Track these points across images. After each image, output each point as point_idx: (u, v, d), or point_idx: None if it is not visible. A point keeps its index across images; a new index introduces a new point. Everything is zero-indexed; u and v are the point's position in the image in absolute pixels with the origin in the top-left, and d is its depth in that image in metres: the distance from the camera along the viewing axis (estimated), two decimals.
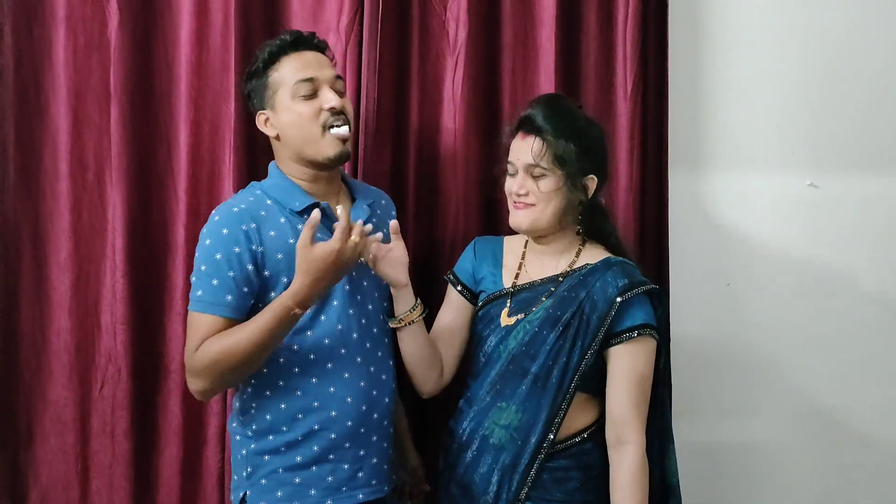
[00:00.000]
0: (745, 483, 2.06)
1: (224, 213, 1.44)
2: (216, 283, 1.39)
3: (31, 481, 1.77)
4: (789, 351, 2.02)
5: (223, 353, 1.37)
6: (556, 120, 1.47)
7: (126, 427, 1.74)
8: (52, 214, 1.75)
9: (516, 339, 1.49)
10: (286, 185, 1.49)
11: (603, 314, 1.45)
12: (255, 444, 1.47)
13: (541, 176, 1.47)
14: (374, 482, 1.51)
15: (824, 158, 1.97)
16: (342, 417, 1.46)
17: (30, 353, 1.76)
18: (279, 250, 1.43)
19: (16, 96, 1.72)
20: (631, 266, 1.52)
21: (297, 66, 1.47)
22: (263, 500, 1.45)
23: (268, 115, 1.50)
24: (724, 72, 1.94)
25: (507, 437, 1.46)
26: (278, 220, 1.45)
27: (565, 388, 1.45)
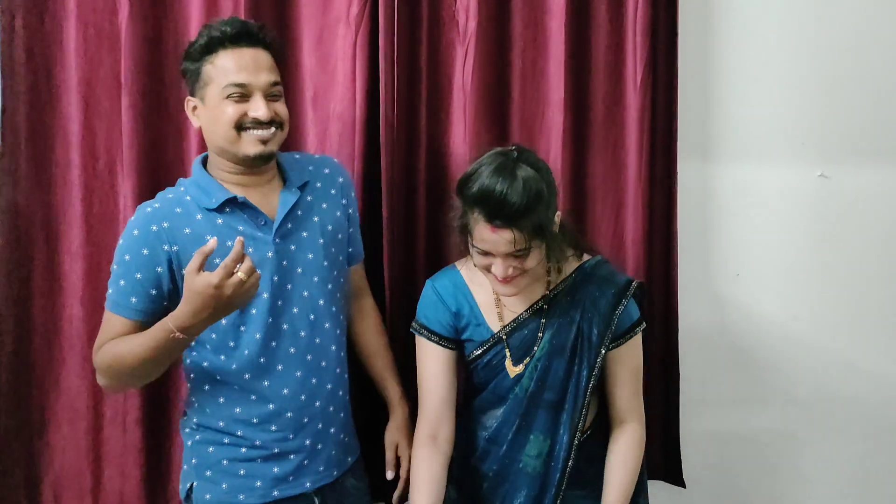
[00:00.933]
0: (754, 472, 2.07)
1: (138, 214, 1.45)
2: (123, 283, 1.40)
3: (44, 468, 1.80)
4: (799, 341, 2.03)
5: (115, 361, 1.38)
6: (524, 202, 1.35)
7: (137, 416, 1.76)
8: (64, 204, 1.77)
9: (531, 378, 1.50)
10: (204, 181, 1.47)
11: (602, 331, 1.49)
12: (200, 434, 1.49)
13: (522, 255, 1.39)
14: (321, 469, 1.52)
15: (835, 149, 1.97)
16: (283, 409, 1.46)
17: (43, 342, 1.78)
18: (195, 247, 1.34)
19: (27, 87, 1.73)
20: (603, 264, 1.55)
21: (232, 67, 1.42)
22: (209, 493, 1.47)
23: (196, 105, 1.48)
24: (734, 62, 1.94)
25: (540, 465, 1.52)
26: (195, 217, 1.44)
27: (580, 406, 1.50)
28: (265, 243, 1.46)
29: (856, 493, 2.10)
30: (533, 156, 1.44)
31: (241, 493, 1.46)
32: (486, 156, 1.43)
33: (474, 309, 1.54)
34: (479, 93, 1.80)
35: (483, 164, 1.41)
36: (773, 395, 2.04)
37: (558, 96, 1.82)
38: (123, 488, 1.78)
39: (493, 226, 1.36)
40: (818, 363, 2.04)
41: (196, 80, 1.46)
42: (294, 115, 1.78)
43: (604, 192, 1.89)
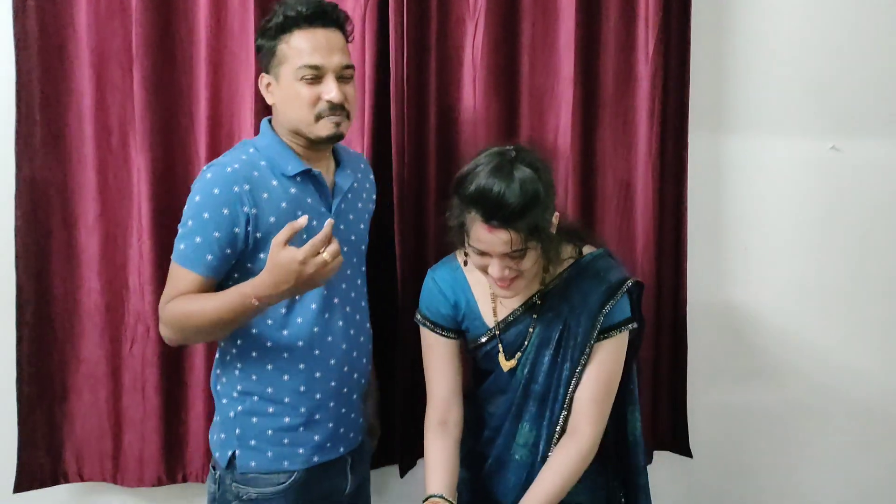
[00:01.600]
0: (760, 444, 2.12)
1: (217, 172, 1.45)
2: (199, 240, 1.42)
3: (66, 434, 1.87)
4: (807, 314, 2.05)
5: (186, 317, 1.42)
6: (521, 202, 1.36)
7: (156, 383, 1.82)
8: (79, 178, 1.81)
9: (522, 371, 1.54)
10: (279, 148, 1.50)
11: (588, 329, 1.49)
12: (242, 405, 1.52)
13: (518, 256, 1.40)
14: (351, 435, 1.60)
15: (847, 122, 1.96)
16: (327, 378, 1.52)
17: (62, 314, 1.83)
18: (272, 213, 1.44)
19: (40, 62, 1.75)
20: (601, 258, 1.53)
21: (307, 48, 1.44)
22: (253, 461, 1.52)
23: (270, 82, 1.50)
24: (747, 34, 1.93)
25: (527, 454, 1.55)
26: (270, 183, 1.47)
27: (561, 399, 1.52)
28: (325, 218, 1.51)
29: (861, 464, 2.14)
30: (531, 155, 1.44)
31: (285, 459, 1.52)
32: (483, 155, 1.44)
33: (471, 302, 1.57)
34: (489, 67, 1.81)
35: (480, 163, 1.42)
36: (780, 368, 2.07)
37: (568, 70, 1.82)
38: (143, 453, 1.85)
39: (490, 226, 1.37)
40: (826, 335, 2.06)
41: (271, 57, 1.48)
42: None
43: (614, 165, 1.90)
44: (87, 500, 1.95)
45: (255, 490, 1.52)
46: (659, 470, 1.93)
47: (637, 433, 1.62)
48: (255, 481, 1.52)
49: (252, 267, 1.46)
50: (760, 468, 2.13)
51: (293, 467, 1.52)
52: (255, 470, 1.52)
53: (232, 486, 1.53)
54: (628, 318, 1.52)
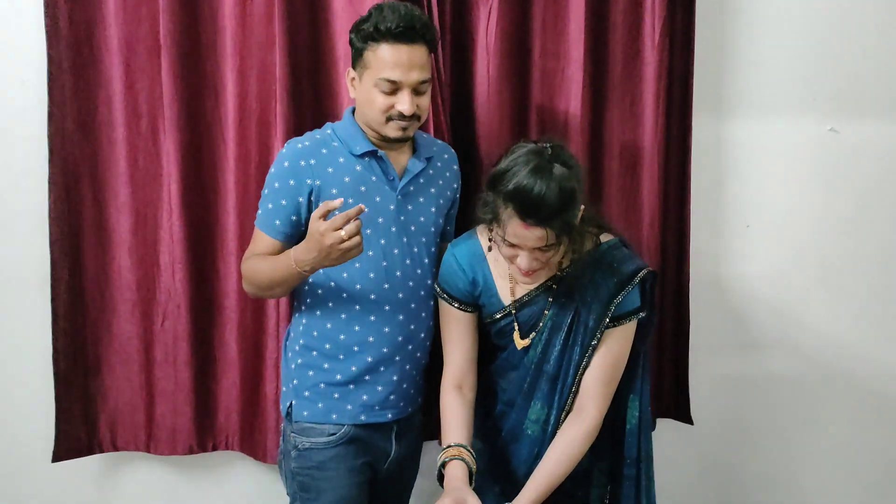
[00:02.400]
0: (759, 413, 2.23)
1: (289, 148, 1.64)
2: (270, 206, 1.61)
3: (100, 406, 1.97)
4: (806, 290, 2.15)
5: (252, 274, 1.62)
6: (558, 203, 1.43)
7: (187, 357, 1.92)
8: (110, 161, 1.89)
9: (535, 350, 1.63)
10: (352, 130, 1.65)
11: (599, 317, 1.57)
12: (302, 358, 1.68)
13: (549, 250, 1.47)
14: (401, 404, 1.71)
15: (845, 104, 2.05)
16: (379, 344, 1.65)
17: (95, 291, 1.92)
18: (334, 185, 1.61)
19: (70, 48, 1.83)
20: (616, 247, 1.60)
21: (389, 62, 1.54)
22: (306, 410, 1.67)
23: (354, 77, 1.62)
24: (749, 18, 2.01)
25: (538, 430, 1.65)
26: (338, 160, 1.63)
27: (570, 381, 1.61)
28: (390, 197, 1.65)
29: (860, 435, 2.25)
30: (565, 153, 1.52)
31: (334, 413, 1.66)
32: (520, 153, 1.49)
33: (488, 280, 1.65)
34: (502, 52, 1.89)
35: (519, 162, 1.47)
36: (778, 341, 2.17)
37: (578, 54, 1.90)
38: (175, 424, 1.95)
39: (526, 223, 1.44)
40: (824, 310, 2.16)
41: (358, 57, 1.60)
42: (327, 74, 1.88)
43: (621, 145, 1.99)
44: (121, 469, 2.06)
45: (309, 440, 1.66)
46: (662, 435, 2.04)
47: (634, 422, 1.66)
48: (309, 431, 1.67)
49: None
50: (758, 435, 2.24)
51: (340, 421, 1.66)
52: (307, 419, 1.66)
53: (291, 436, 1.69)
54: (638, 307, 1.60)
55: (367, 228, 1.60)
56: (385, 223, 1.64)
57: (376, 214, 1.63)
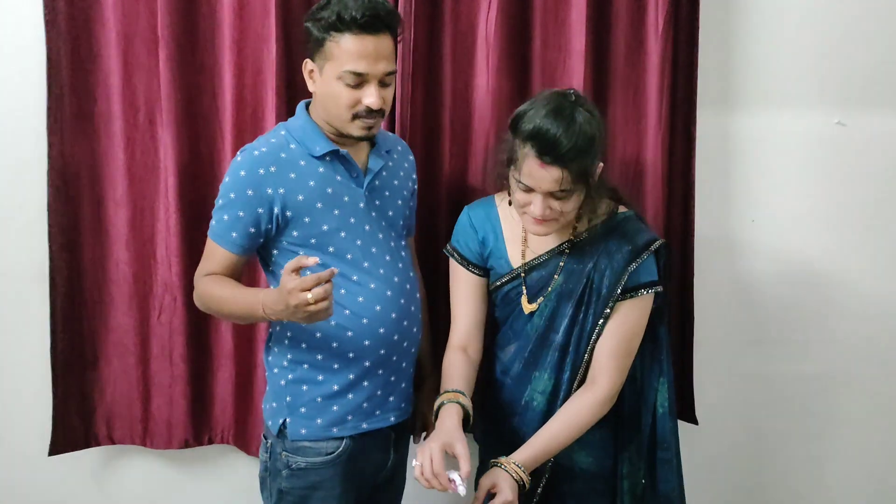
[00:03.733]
0: (765, 411, 2.21)
1: (245, 156, 1.56)
2: (226, 218, 1.55)
3: (97, 400, 2.00)
4: (812, 285, 2.14)
5: (210, 298, 1.57)
6: (576, 144, 1.45)
7: (183, 351, 1.95)
8: (108, 154, 1.92)
9: (541, 317, 1.63)
10: (310, 129, 1.58)
11: (612, 285, 1.56)
12: (293, 373, 1.60)
13: (563, 197, 1.49)
14: (402, 405, 1.69)
15: (853, 97, 2.04)
16: (376, 346, 1.59)
17: (92, 284, 1.96)
18: (299, 192, 1.53)
19: (69, 42, 1.86)
20: (632, 219, 1.61)
21: (353, 54, 1.47)
22: (304, 428, 1.60)
23: (313, 69, 1.55)
24: (754, 10, 2.00)
25: (544, 402, 1.64)
26: (298, 163, 1.55)
27: (582, 351, 1.60)
28: (358, 195, 1.61)
29: (871, 434, 2.22)
30: (590, 103, 1.54)
31: (334, 426, 1.60)
32: (542, 95, 1.54)
33: (499, 241, 1.65)
34: (503, 43, 1.89)
35: (540, 102, 1.51)
36: (785, 338, 2.16)
37: (580, 45, 1.90)
38: (171, 417, 1.98)
39: (543, 161, 1.46)
40: (831, 307, 2.15)
41: (317, 48, 1.51)
42: None
43: (624, 139, 1.98)
44: (117, 463, 2.10)
45: (304, 459, 1.60)
46: None
47: (667, 405, 1.66)
48: (305, 451, 1.60)
49: (287, 245, 1.56)
50: (765, 435, 2.23)
51: (342, 433, 1.60)
52: (305, 437, 1.60)
53: (282, 455, 1.61)
54: (654, 280, 1.58)
55: (340, 231, 1.57)
56: (357, 223, 1.59)
57: (347, 215, 1.58)
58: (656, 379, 1.67)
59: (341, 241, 1.57)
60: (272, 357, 1.66)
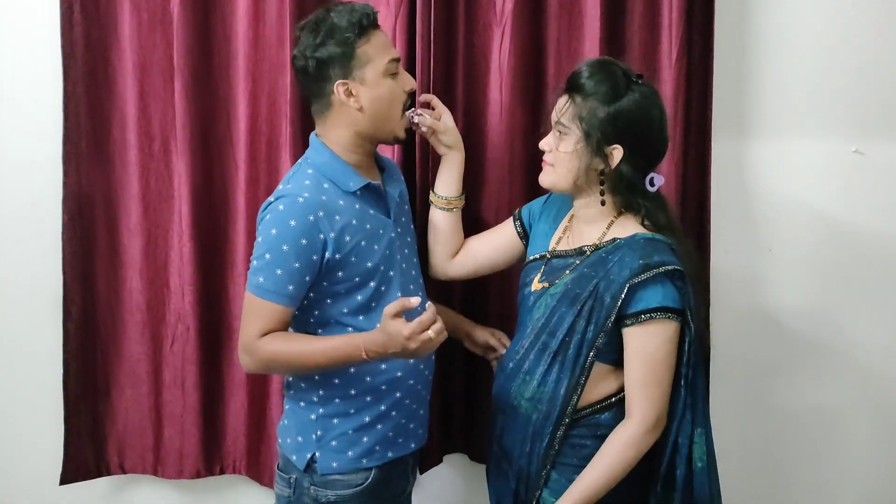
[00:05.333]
0: (783, 443, 2.20)
1: (289, 204, 1.53)
2: (280, 272, 1.50)
3: (108, 428, 2.03)
4: (830, 316, 2.13)
5: (284, 357, 1.53)
6: (590, 82, 1.52)
7: (195, 380, 1.98)
8: (122, 182, 1.97)
9: (539, 310, 1.61)
10: (338, 165, 1.60)
11: (615, 295, 1.51)
12: (324, 408, 1.61)
13: (563, 135, 1.55)
14: (421, 431, 1.72)
15: (870, 125, 2.05)
16: (406, 377, 1.62)
17: (105, 312, 2.00)
18: (346, 233, 1.55)
19: (86, 71, 1.92)
20: (660, 243, 1.55)
21: (385, 44, 1.60)
22: (335, 461, 1.60)
23: (349, 86, 1.57)
24: (770, 37, 2.02)
25: (532, 409, 1.59)
26: (338, 203, 1.57)
27: (581, 363, 1.55)
28: (388, 224, 1.63)
29: (888, 466, 2.20)
30: (650, 91, 1.58)
31: (364, 458, 1.61)
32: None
33: (555, 225, 1.70)
34: (516, 73, 1.92)
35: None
36: (803, 369, 2.16)
37: None
38: (183, 446, 2.01)
39: (564, 90, 1.57)
40: (849, 338, 2.14)
41: (349, 61, 1.55)
42: None
43: None
44: (128, 492, 2.12)
45: (334, 493, 1.60)
46: None
47: (705, 459, 1.56)
48: (334, 484, 1.60)
49: (329, 286, 1.56)
50: (784, 465, 2.21)
51: (371, 464, 1.61)
52: (336, 471, 1.60)
53: (310, 489, 1.61)
54: (668, 307, 1.50)
55: (381, 266, 1.59)
56: (391, 254, 1.62)
57: (384, 248, 1.61)
58: (689, 426, 1.56)
59: (381, 275, 1.60)
60: (296, 391, 1.65)
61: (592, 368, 1.56)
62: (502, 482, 1.68)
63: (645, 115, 1.54)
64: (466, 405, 2.03)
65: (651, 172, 1.58)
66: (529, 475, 1.61)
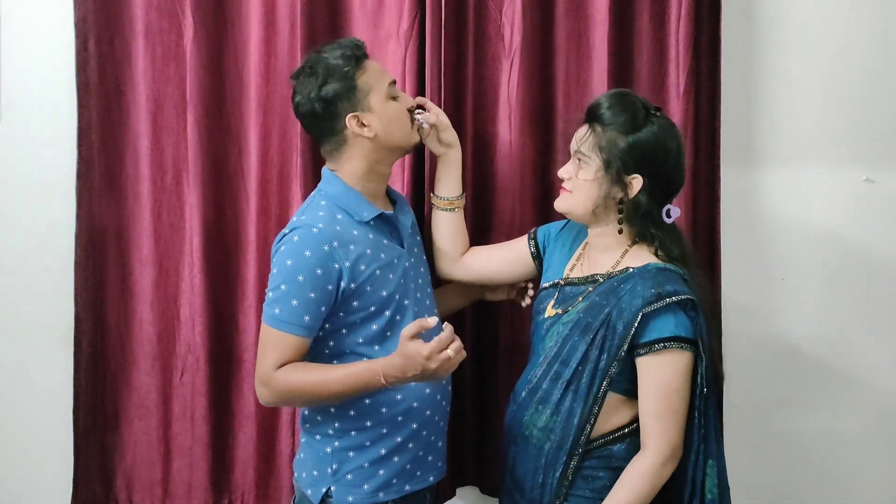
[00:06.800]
0: (796, 474, 2.19)
1: (304, 235, 1.55)
2: (296, 303, 1.52)
3: (117, 461, 2.04)
4: (844, 345, 2.13)
5: (302, 387, 1.54)
6: (610, 112, 1.57)
7: (204, 412, 1.99)
8: (134, 214, 2.00)
9: (552, 339, 1.63)
10: (351, 196, 1.63)
11: (628, 324, 1.53)
12: (339, 441, 1.61)
13: (582, 163, 1.59)
14: (440, 464, 1.71)
15: (881, 153, 2.07)
16: (423, 408, 1.63)
17: (115, 344, 2.02)
18: (361, 262, 1.57)
19: (100, 105, 1.96)
20: (671, 273, 1.57)
21: (379, 70, 1.66)
22: (350, 495, 1.60)
23: (358, 116, 1.61)
24: (778, 66, 2.05)
25: (544, 438, 1.60)
26: (352, 233, 1.59)
27: (595, 392, 1.56)
28: (402, 254, 1.66)
29: None
30: (667, 122, 1.62)
31: (380, 491, 1.61)
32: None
33: (570, 253, 1.72)
34: (525, 104, 1.96)
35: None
36: (817, 399, 2.16)
37: None
38: (191, 479, 2.01)
39: (584, 120, 1.62)
40: (864, 366, 2.14)
41: (352, 94, 1.61)
42: None
43: None
44: None
45: None
46: None
47: (715, 492, 1.57)
48: None
49: (344, 316, 1.58)
50: (796, 499, 2.20)
51: (388, 497, 1.61)
52: None
53: None
54: (680, 336, 1.52)
55: (395, 294, 1.61)
56: (405, 283, 1.64)
57: (399, 277, 1.62)
58: (701, 459, 1.57)
59: (396, 304, 1.61)
60: (311, 425, 1.65)
61: (606, 398, 1.57)
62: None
63: (663, 147, 1.58)
64: (478, 437, 2.03)
65: (667, 204, 1.61)
66: None
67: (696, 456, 1.57)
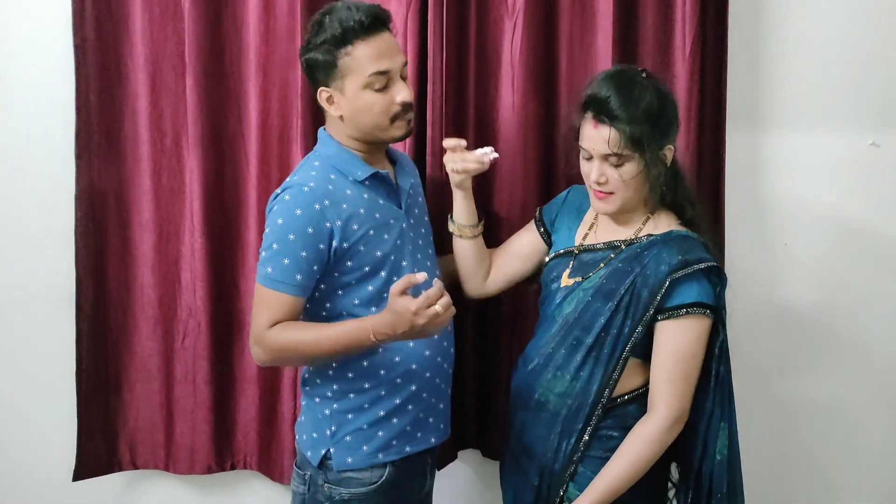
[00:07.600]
0: (799, 438, 2.21)
1: (295, 194, 1.55)
2: (287, 262, 1.52)
3: (120, 424, 2.06)
4: (847, 310, 2.14)
5: (294, 346, 1.54)
6: (629, 106, 1.53)
7: (206, 375, 2.00)
8: (134, 178, 1.99)
9: (571, 304, 1.63)
10: (345, 156, 1.62)
11: (654, 290, 1.54)
12: (338, 403, 1.62)
13: (620, 164, 1.55)
14: (442, 426, 1.72)
15: (887, 117, 2.05)
16: (421, 370, 1.63)
17: (117, 308, 2.02)
18: (354, 221, 1.57)
19: (98, 67, 1.94)
20: (693, 240, 1.59)
21: (372, 55, 1.54)
22: (349, 457, 1.61)
23: (331, 94, 1.58)
24: (784, 30, 2.03)
25: (561, 404, 1.62)
26: (345, 192, 1.58)
27: (616, 358, 1.58)
28: (400, 215, 1.65)
29: None
30: (662, 84, 1.61)
31: (379, 452, 1.62)
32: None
33: (577, 220, 1.72)
34: (528, 66, 1.93)
35: (604, 72, 1.63)
36: (818, 364, 2.17)
37: (606, 67, 1.92)
38: (194, 442, 2.03)
39: (596, 122, 1.55)
40: (865, 333, 2.15)
41: (329, 71, 1.55)
42: None
43: None
44: (140, 488, 2.15)
45: (348, 491, 1.61)
46: None
47: (724, 453, 1.60)
48: (349, 482, 1.61)
49: (339, 276, 1.58)
50: (800, 463, 2.22)
51: (387, 459, 1.62)
52: (350, 466, 1.61)
53: (324, 486, 1.62)
54: (703, 303, 1.54)
55: (391, 255, 1.61)
56: (402, 244, 1.63)
57: (395, 238, 1.62)
58: (715, 422, 1.60)
59: (392, 264, 1.61)
60: (311, 387, 1.66)
61: (626, 363, 1.59)
62: (521, 478, 1.70)
63: (666, 101, 1.59)
64: (480, 401, 2.04)
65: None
66: (554, 471, 1.63)
67: (709, 418, 1.59)
